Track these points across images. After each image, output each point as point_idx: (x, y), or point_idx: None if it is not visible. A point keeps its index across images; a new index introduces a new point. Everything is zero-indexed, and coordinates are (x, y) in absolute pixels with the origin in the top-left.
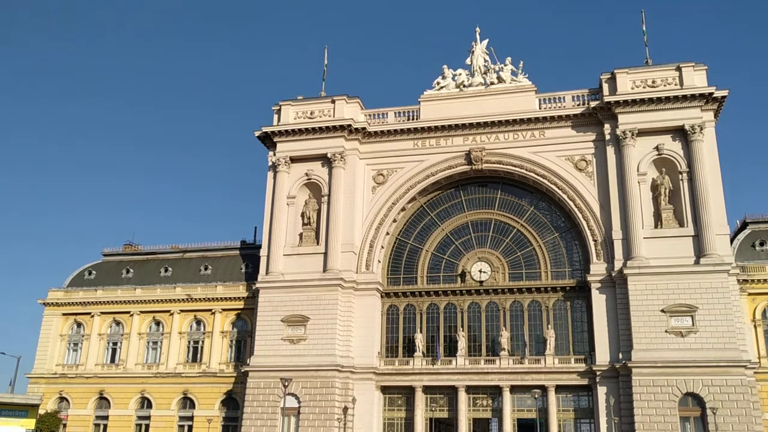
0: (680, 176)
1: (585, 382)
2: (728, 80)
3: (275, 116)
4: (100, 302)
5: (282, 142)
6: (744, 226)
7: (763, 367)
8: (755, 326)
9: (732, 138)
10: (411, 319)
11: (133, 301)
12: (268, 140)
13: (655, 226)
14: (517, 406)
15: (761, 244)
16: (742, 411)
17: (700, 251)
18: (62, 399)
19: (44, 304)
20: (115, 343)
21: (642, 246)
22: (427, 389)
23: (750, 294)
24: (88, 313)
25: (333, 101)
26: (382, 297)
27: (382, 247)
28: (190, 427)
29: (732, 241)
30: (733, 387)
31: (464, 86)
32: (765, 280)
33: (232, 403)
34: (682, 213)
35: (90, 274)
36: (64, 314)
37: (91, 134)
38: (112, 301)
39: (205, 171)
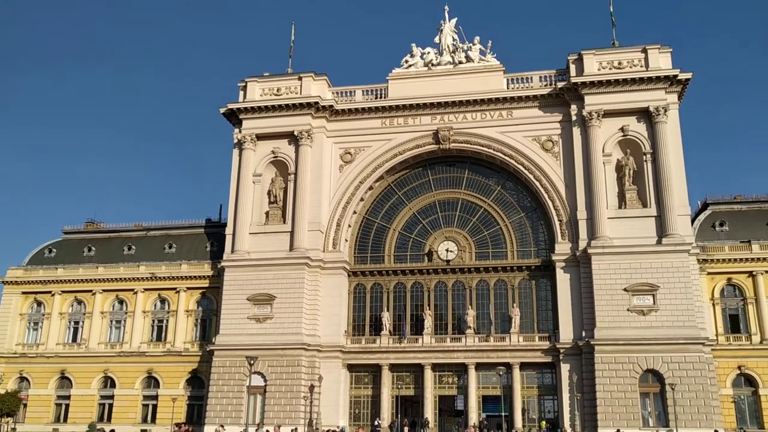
0: (644, 157)
1: (549, 359)
2: (692, 63)
3: (241, 93)
4: (60, 281)
5: (248, 119)
6: (705, 207)
7: (720, 344)
8: (713, 305)
9: (695, 120)
10: (378, 297)
11: (95, 279)
12: (234, 117)
13: (619, 207)
14: (482, 383)
15: (721, 225)
16: (700, 387)
17: (662, 231)
18: (23, 379)
19: (3, 282)
20: (77, 322)
21: (606, 226)
22: (393, 367)
23: (709, 273)
24: (49, 292)
25: (300, 78)
26: (349, 276)
27: (349, 226)
28: (155, 407)
29: (693, 221)
30: (691, 364)
31: (432, 65)
32: (724, 260)
33: (197, 382)
34: (646, 194)
35: (50, 252)
36: (23, 293)
37: (51, 115)
38: (73, 280)
39: (168, 149)
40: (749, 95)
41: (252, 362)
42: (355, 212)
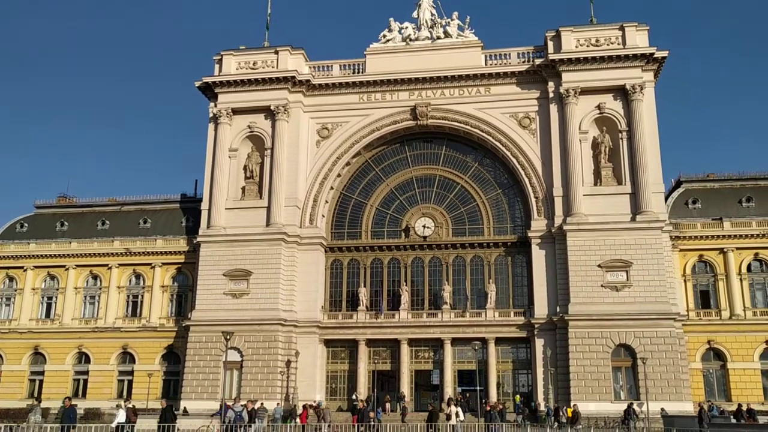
0: (620, 135)
1: (524, 334)
2: (668, 41)
3: (216, 66)
4: (33, 256)
5: (223, 93)
6: (678, 184)
7: (691, 319)
8: (685, 281)
9: (670, 98)
10: (355, 273)
11: (68, 254)
12: (210, 91)
13: (595, 184)
14: (458, 357)
15: (694, 202)
16: (670, 361)
17: (636, 209)
18: None
19: None
20: (50, 298)
21: (582, 203)
22: (370, 342)
23: (681, 250)
24: (21, 267)
25: (276, 52)
26: (326, 251)
27: (326, 201)
28: (130, 382)
29: (666, 199)
30: (662, 338)
31: (411, 40)
32: (696, 237)
33: (173, 357)
34: (621, 171)
35: (22, 227)
36: None
37: (21, 89)
38: (46, 255)
39: (143, 122)
40: (723, 74)
41: (228, 337)
42: (332, 188)
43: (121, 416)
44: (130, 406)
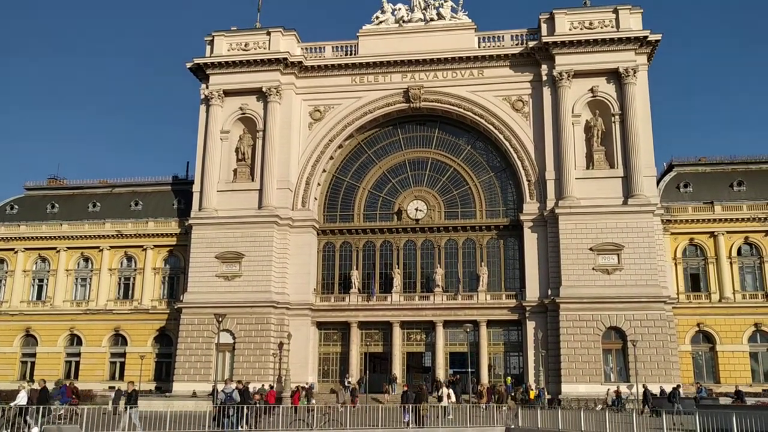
0: (612, 118)
1: (515, 317)
2: (662, 25)
3: (208, 47)
4: (23, 238)
5: (215, 75)
6: (670, 168)
7: (681, 302)
8: (676, 264)
9: (662, 82)
10: (347, 256)
11: (59, 237)
12: (201, 72)
13: (587, 167)
14: (450, 340)
15: (685, 186)
16: (660, 343)
17: (628, 192)
18: None
19: None
20: (41, 280)
21: (574, 186)
22: (362, 325)
23: (672, 234)
24: (12, 249)
25: (268, 33)
26: (318, 234)
27: (319, 184)
28: (123, 364)
29: (658, 183)
30: (652, 321)
31: (404, 22)
32: (687, 221)
33: (166, 339)
34: (613, 154)
35: (12, 208)
36: None
37: (13, 70)
38: (36, 237)
39: (134, 104)
40: (716, 58)
41: (220, 320)
42: (324, 171)
43: (21, 398)
44: (40, 386)
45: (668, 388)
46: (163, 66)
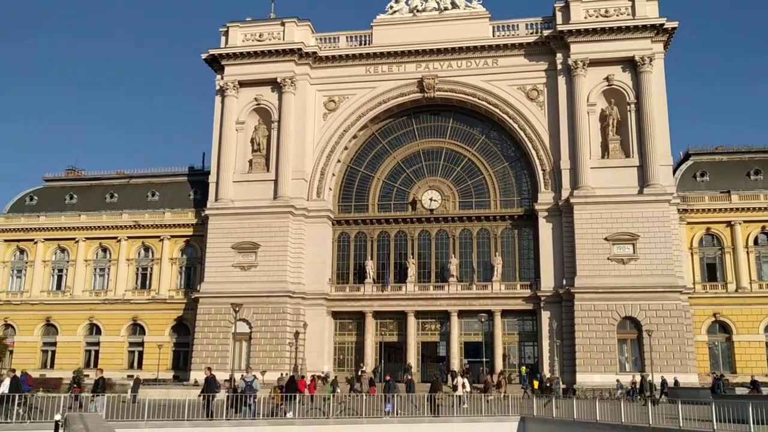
0: (628, 107)
1: (530, 307)
2: (678, 12)
3: (222, 38)
4: (43, 228)
5: (230, 66)
6: (686, 157)
7: (697, 292)
8: (692, 254)
9: (679, 70)
10: (362, 246)
11: (77, 227)
12: (216, 63)
13: (602, 156)
14: (464, 330)
15: (702, 175)
16: (676, 333)
17: (644, 181)
18: (8, 326)
19: None
20: (60, 270)
21: (589, 176)
22: (377, 314)
23: (689, 223)
24: (31, 240)
25: (283, 24)
26: (333, 224)
27: (334, 174)
28: (141, 353)
29: (675, 172)
30: (668, 311)
31: (418, 11)
32: (703, 210)
33: (183, 329)
34: (629, 144)
35: (31, 200)
36: (5, 240)
37: (31, 64)
38: (55, 228)
39: (150, 95)
40: (733, 45)
41: (237, 309)
42: (339, 161)
43: (4, 386)
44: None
45: (683, 378)
46: (179, 57)
